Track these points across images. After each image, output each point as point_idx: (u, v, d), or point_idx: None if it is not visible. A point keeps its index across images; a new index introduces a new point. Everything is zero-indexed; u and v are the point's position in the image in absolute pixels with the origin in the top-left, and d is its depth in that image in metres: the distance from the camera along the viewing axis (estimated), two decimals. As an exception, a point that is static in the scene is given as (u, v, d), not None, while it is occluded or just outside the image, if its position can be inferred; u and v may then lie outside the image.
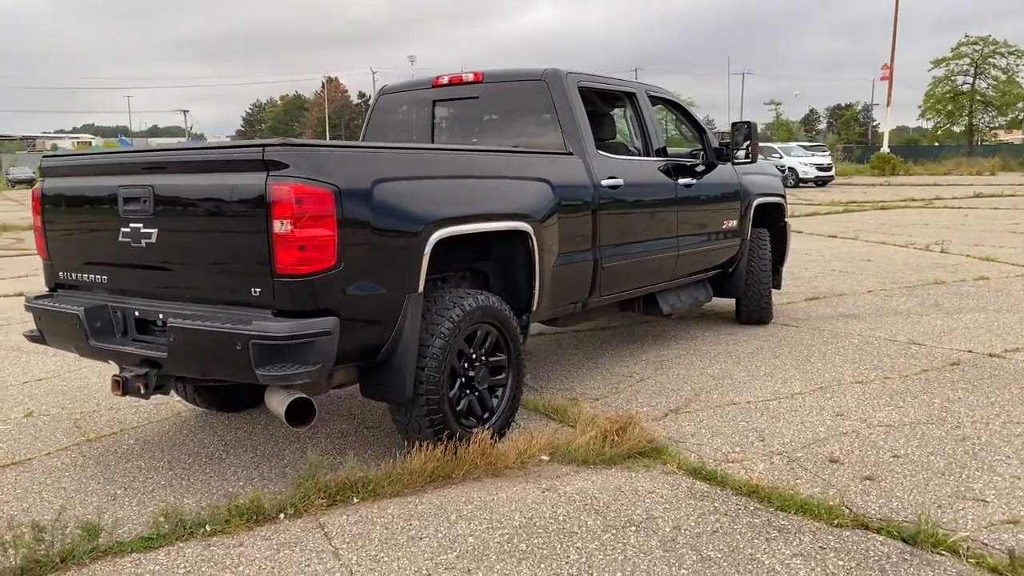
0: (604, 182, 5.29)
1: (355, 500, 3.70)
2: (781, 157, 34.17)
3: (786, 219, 7.80)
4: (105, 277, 4.08)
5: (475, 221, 4.19)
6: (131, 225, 3.83)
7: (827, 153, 39.17)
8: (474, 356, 4.24)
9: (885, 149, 49.15)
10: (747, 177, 7.11)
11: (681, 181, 6.19)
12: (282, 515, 3.55)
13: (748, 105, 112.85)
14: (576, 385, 5.61)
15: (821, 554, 3.15)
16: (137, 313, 3.90)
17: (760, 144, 8.39)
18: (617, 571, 3.05)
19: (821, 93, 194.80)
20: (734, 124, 6.75)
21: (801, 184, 33.94)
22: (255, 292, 3.51)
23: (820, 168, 34.78)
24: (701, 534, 3.34)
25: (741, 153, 6.82)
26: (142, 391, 3.83)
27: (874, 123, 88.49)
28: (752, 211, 7.12)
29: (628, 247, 5.60)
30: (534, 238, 4.58)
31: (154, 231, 3.77)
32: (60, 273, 4.31)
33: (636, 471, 4.03)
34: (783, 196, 7.76)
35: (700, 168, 6.50)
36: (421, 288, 3.86)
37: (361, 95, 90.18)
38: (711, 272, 6.90)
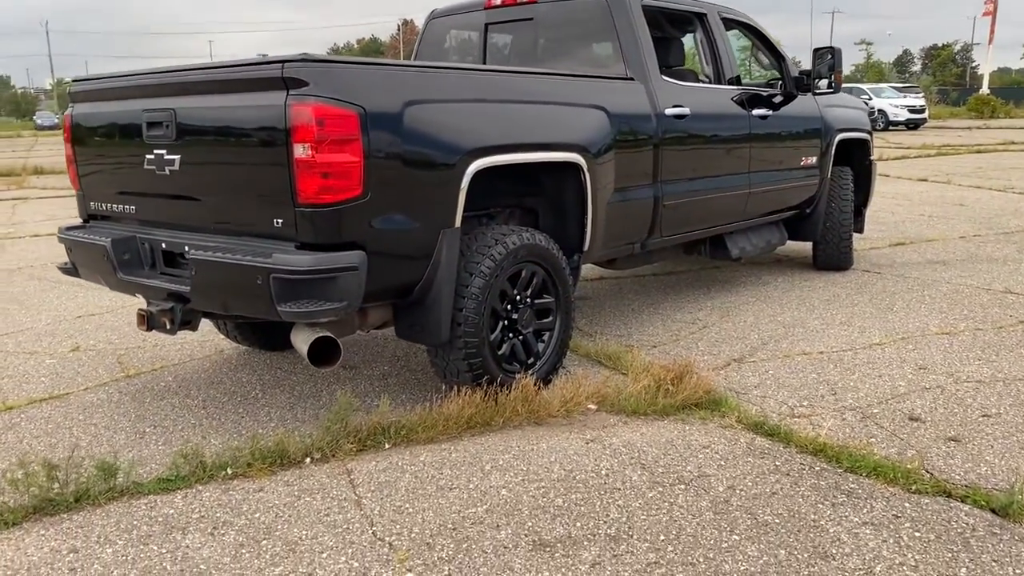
0: (668, 111, 4.86)
1: (386, 446, 3.49)
2: (871, 99, 32.42)
3: (872, 157, 7.20)
4: (133, 208, 3.91)
5: (519, 151, 3.85)
6: (155, 152, 3.62)
7: (920, 95, 37.07)
8: (518, 298, 3.94)
9: (985, 91, 46.26)
10: (829, 110, 6.55)
11: (755, 112, 5.69)
12: (308, 459, 3.36)
13: (836, 46, 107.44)
14: (633, 331, 5.27)
15: (895, 524, 2.79)
16: (164, 245, 3.72)
17: (849, 85, 7.72)
18: (660, 534, 2.76)
19: (915, 33, 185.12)
20: (816, 50, 6.17)
21: (891, 127, 32.25)
22: (277, 223, 3.27)
23: (912, 110, 32.97)
24: (758, 496, 3.01)
25: (824, 83, 6.26)
26: (167, 326, 3.66)
27: (973, 64, 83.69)
28: (834, 147, 6.56)
29: (693, 184, 5.19)
30: (587, 172, 4.22)
31: (177, 157, 3.55)
32: (91, 204, 4.16)
33: (691, 424, 3.70)
34: (869, 131, 7.16)
35: (777, 99, 5.98)
36: (458, 223, 3.56)
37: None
38: (786, 213, 6.40)
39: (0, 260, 8.19)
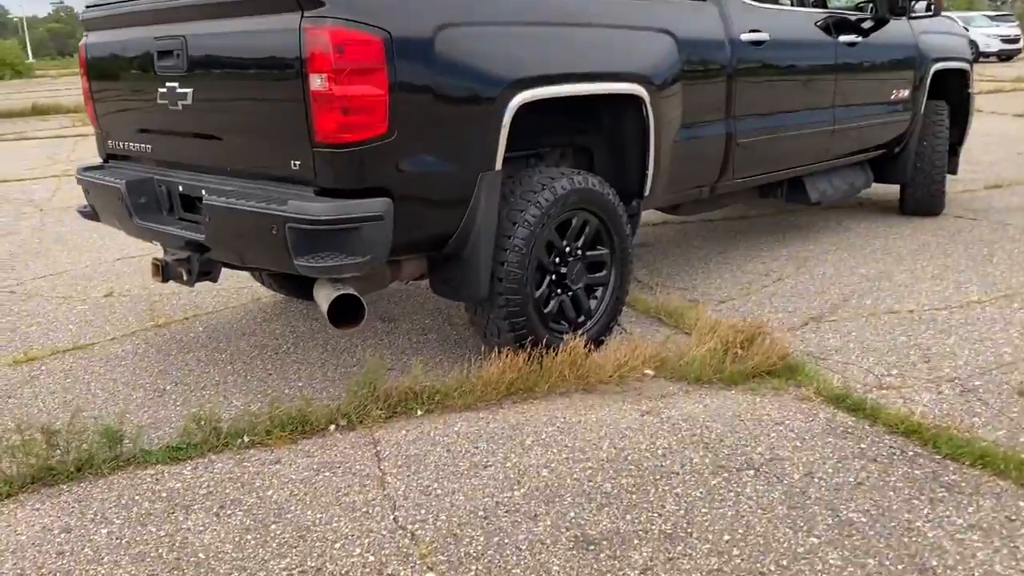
0: (744, 37, 4.31)
1: (419, 412, 3.15)
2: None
3: (970, 89, 6.47)
4: (150, 147, 3.59)
5: (571, 83, 3.38)
6: (167, 84, 3.28)
7: (1015, 24, 34.57)
8: (568, 249, 3.52)
9: (1087, 18, 42.98)
10: (925, 37, 5.84)
11: (843, 39, 5.07)
12: (332, 427, 3.05)
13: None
14: (699, 284, 4.81)
15: (1009, 529, 2.35)
16: (181, 188, 3.40)
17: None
18: (724, 532, 2.37)
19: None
20: (915, -32, 5.46)
21: (982, 59, 30.21)
22: (295, 166, 2.90)
23: (1005, 40, 30.78)
24: (840, 487, 2.58)
25: (920, 6, 5.57)
26: (184, 278, 3.36)
27: (1074, -11, 77.88)
28: (929, 79, 5.87)
29: (771, 119, 4.64)
30: (650, 105, 3.72)
31: (189, 91, 3.20)
32: (110, 142, 3.85)
33: (762, 395, 3.27)
34: (968, 60, 6.43)
35: (867, 24, 5.32)
36: (499, 165, 3.14)
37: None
38: (873, 153, 5.78)
39: (56, 199, 8.09)
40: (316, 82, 2.71)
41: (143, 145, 3.61)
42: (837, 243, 5.61)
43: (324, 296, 2.94)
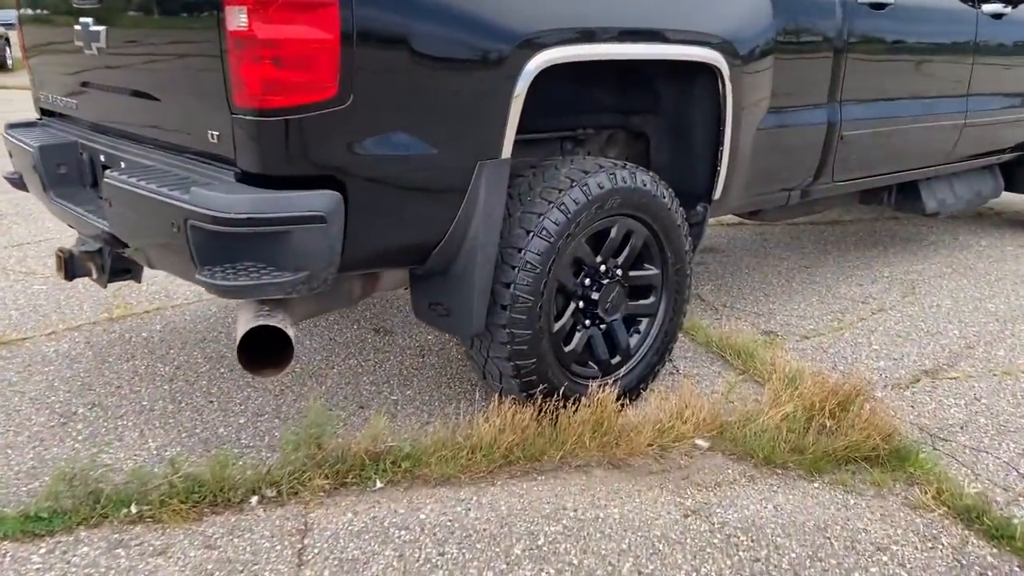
0: (861, -1, 3.31)
1: (377, 484, 2.31)
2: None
3: None
4: (75, 102, 2.81)
5: (617, 41, 2.45)
6: (81, 19, 2.47)
7: None
8: (603, 268, 2.62)
9: None
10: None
11: (986, 8, 3.99)
12: (255, 499, 2.23)
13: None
14: (777, 309, 3.84)
15: None
16: (103, 157, 2.61)
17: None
18: None
19: None
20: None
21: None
22: (213, 138, 2.07)
23: None
24: None
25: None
26: (94, 275, 2.58)
27: None
28: (1088, 65, 4.71)
29: (886, 107, 3.62)
30: (729, 80, 2.77)
31: (102, 30, 2.39)
32: (41, 94, 3.09)
33: (858, 494, 2.33)
34: None
35: (1019, -9, 4.21)
36: (507, 151, 2.25)
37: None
38: (1007, 155, 4.67)
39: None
40: (234, 19, 1.86)
41: (69, 99, 2.83)
42: (954, 264, 4.55)
43: (242, 323, 2.10)
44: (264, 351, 2.07)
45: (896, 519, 2.22)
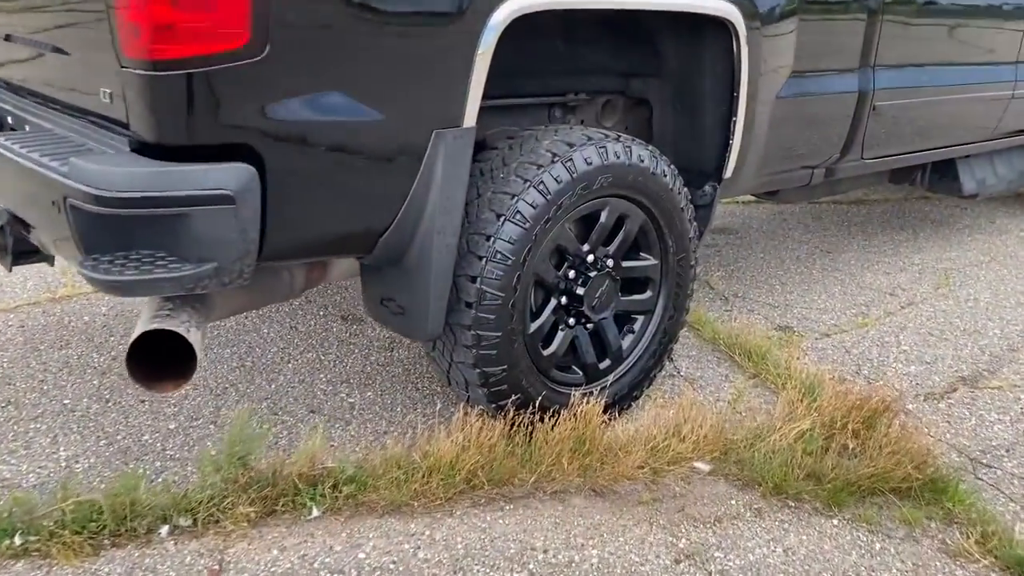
0: (902, -53, 2.87)
1: (313, 512, 1.95)
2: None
3: None
4: (-14, 54, 2.43)
5: (611, -14, 2.04)
6: (-24, -43, 2.09)
7: None
8: (591, 258, 2.23)
9: None
10: None
11: (1042, -35, 3.53)
12: (165, 528, 1.88)
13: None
14: (795, 300, 3.44)
15: None
16: (11, 120, 2.23)
17: None
18: None
19: None
20: None
21: None
22: (105, 97, 1.69)
23: None
24: None
25: None
26: (-5, 257, 2.21)
27: None
28: None
29: (925, 74, 3.20)
30: (745, 39, 2.36)
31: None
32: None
33: (885, 535, 1.96)
34: None
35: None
36: (470, 118, 1.85)
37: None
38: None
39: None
40: (116, -56, 1.47)
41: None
42: (991, 252, 4.12)
43: (141, 323, 1.72)
44: (167, 359, 1.70)
45: (931, 570, 1.84)
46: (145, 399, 2.49)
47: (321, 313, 3.17)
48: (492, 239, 1.97)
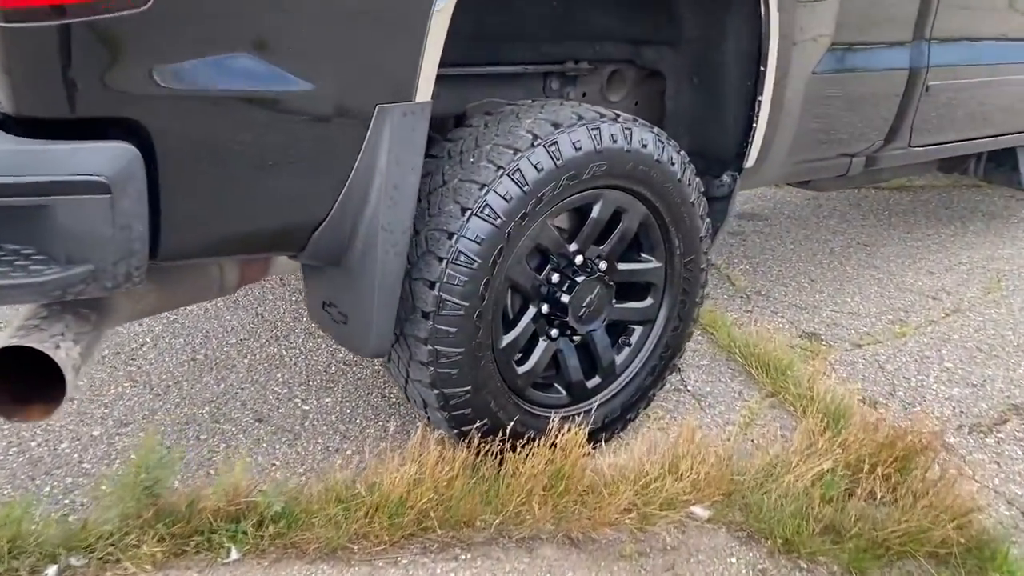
0: (970, -103, 2.44)
1: (232, 554, 1.65)
2: None
3: None
4: None
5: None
6: None
7: None
8: (579, 260, 1.88)
9: None
10: None
11: None
12: (51, 570, 1.59)
13: None
14: (824, 301, 3.06)
15: None
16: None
17: None
18: None
19: None
20: None
21: None
22: (-34, 54, 1.36)
23: None
24: None
25: None
26: None
27: None
28: None
29: (988, 50, 2.78)
30: (775, 5, 1.97)
31: None
32: None
33: (917, 615, 1.62)
34: None
35: None
36: (424, 91, 1.50)
37: None
38: None
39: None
40: None
41: None
42: (1050, 251, 3.70)
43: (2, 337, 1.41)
44: (40, 379, 1.39)
45: (973, 666, 1.50)
46: (75, 397, 2.20)
47: (294, 299, 2.87)
48: (455, 237, 1.63)
